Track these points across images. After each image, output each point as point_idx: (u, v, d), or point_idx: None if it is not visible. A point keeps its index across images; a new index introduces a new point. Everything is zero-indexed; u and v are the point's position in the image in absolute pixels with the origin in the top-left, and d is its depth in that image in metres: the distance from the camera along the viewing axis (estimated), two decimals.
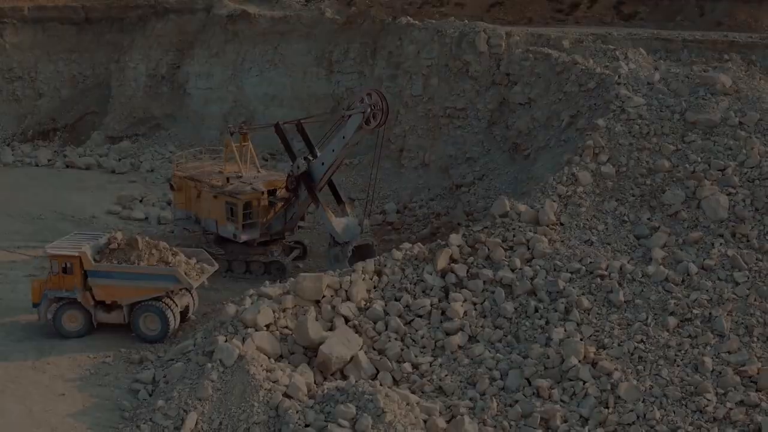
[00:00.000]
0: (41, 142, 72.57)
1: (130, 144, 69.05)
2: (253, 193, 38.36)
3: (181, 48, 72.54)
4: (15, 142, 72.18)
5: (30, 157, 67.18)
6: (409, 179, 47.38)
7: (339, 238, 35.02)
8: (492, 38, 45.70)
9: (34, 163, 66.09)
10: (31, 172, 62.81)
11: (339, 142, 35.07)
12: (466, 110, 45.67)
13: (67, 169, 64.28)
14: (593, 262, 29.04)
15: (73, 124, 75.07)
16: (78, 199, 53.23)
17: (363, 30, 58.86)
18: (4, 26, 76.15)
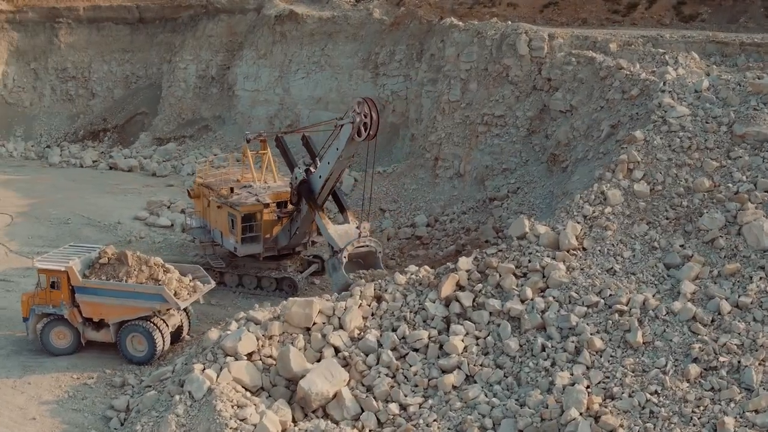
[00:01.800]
0: (91, 143, 72.14)
1: (176, 146, 67.91)
2: (255, 205, 35.98)
3: (231, 49, 71.28)
4: (65, 142, 71.93)
5: (76, 157, 66.68)
6: (443, 190, 44.36)
7: (336, 245, 32.23)
8: (534, 41, 42.26)
9: (79, 164, 65.59)
10: (72, 174, 62.18)
11: (333, 154, 32.38)
12: (504, 117, 42.34)
13: (109, 171, 63.57)
14: (613, 294, 25.60)
15: (123, 124, 74.47)
16: (108, 203, 52.02)
17: (410, 31, 56.16)
18: (59, 26, 76.17)
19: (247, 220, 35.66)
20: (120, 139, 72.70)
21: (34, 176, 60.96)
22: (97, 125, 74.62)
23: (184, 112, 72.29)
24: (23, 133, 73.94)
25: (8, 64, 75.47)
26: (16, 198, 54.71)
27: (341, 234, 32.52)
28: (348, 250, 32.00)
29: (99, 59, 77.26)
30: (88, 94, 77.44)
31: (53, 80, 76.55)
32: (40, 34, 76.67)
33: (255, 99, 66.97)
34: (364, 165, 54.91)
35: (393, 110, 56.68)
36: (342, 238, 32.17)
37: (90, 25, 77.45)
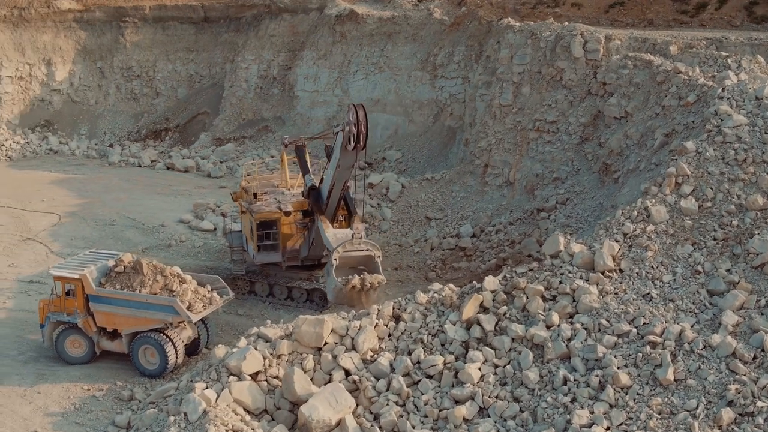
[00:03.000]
0: (152, 142, 72.13)
1: (235, 147, 67.32)
2: (272, 212, 34.50)
3: (293, 49, 70.49)
4: (127, 141, 72.11)
5: (135, 157, 66.61)
6: (492, 199, 42.19)
7: (330, 248, 30.35)
8: (589, 42, 39.72)
9: (137, 163, 65.52)
10: (129, 173, 62.13)
11: (333, 163, 30.46)
12: (556, 123, 39.93)
13: (166, 171, 63.31)
14: (647, 323, 23.16)
15: (184, 124, 74.35)
16: (156, 204, 51.51)
17: (469, 32, 54.19)
18: (125, 25, 76.49)
19: (264, 228, 34.26)
20: (181, 138, 72.53)
21: (90, 175, 61.06)
22: (159, 124, 74.68)
23: (245, 112, 71.70)
24: (87, 132, 74.44)
25: (75, 63, 76.12)
26: (68, 197, 54.77)
27: (339, 237, 30.64)
28: (339, 252, 29.91)
29: (164, 58, 77.35)
30: (152, 93, 77.59)
31: (118, 79, 76.93)
32: (107, 33, 77.11)
33: (314, 100, 65.85)
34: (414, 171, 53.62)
35: (450, 114, 54.81)
36: (338, 241, 30.30)
37: (155, 25, 77.62)
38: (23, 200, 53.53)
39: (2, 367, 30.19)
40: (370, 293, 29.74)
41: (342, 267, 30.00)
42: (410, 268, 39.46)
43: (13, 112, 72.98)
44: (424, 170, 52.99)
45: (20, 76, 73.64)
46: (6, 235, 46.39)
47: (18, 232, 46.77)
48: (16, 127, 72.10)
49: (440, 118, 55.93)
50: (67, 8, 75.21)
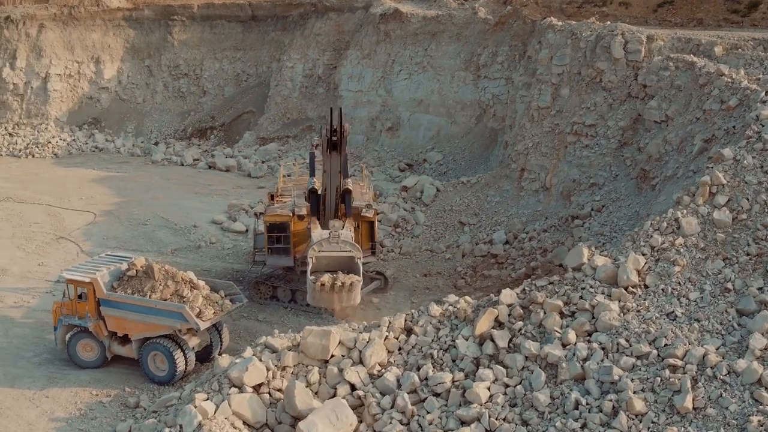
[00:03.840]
0: (197, 140, 72.04)
1: (278, 146, 66.84)
2: (281, 215, 33.58)
3: (338, 48, 69.73)
4: (172, 139, 72.15)
5: (178, 155, 66.46)
6: (528, 204, 40.67)
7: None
8: (630, 43, 37.93)
9: (180, 162, 65.33)
10: (170, 172, 62.01)
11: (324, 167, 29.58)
12: (595, 127, 38.24)
13: (207, 171, 63.13)
14: (669, 345, 21.58)
15: (230, 123, 74.17)
16: (192, 204, 51.09)
17: (513, 31, 52.65)
18: (173, 23, 76.59)
19: (274, 230, 33.32)
20: (226, 137, 72.33)
21: (132, 174, 61.09)
22: (205, 123, 74.61)
23: (290, 111, 71.16)
24: (134, 129, 74.67)
25: (123, 61, 76.47)
26: (107, 195, 54.79)
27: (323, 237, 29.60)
28: (315, 251, 28.97)
29: (211, 57, 77.30)
30: (199, 92, 77.58)
31: (166, 77, 77.07)
32: (155, 32, 77.33)
33: (358, 100, 64.93)
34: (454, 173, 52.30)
35: (493, 115, 53.38)
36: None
37: (203, 23, 77.63)
38: (62, 198, 53.66)
39: (16, 369, 29.90)
40: (343, 294, 28.56)
41: (322, 268, 28.94)
42: (440, 275, 38.21)
43: (62, 110, 73.55)
44: (465, 173, 51.71)
45: (69, 74, 74.23)
46: (40, 233, 46.42)
47: (52, 231, 46.76)
48: (64, 125, 72.66)
49: (483, 120, 54.54)
50: (117, 6, 75.62)
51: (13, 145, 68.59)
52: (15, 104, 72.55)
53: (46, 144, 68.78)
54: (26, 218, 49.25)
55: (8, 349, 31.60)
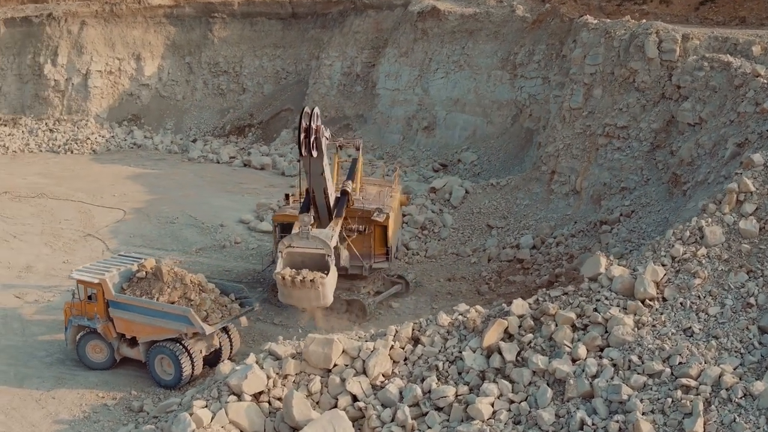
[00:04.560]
0: (235, 138, 71.88)
1: None
2: (290, 216, 32.72)
3: (376, 46, 69.07)
4: (210, 137, 72.15)
5: (215, 153, 66.30)
6: (557, 208, 39.44)
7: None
8: (664, 42, 36.44)
9: (216, 159, 65.14)
10: (205, 170, 61.88)
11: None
12: (627, 129, 36.86)
13: (242, 168, 62.87)
14: (683, 363, 20.35)
15: (268, 120, 73.91)
16: (222, 203, 50.77)
17: (550, 30, 51.29)
18: (214, 21, 76.61)
19: (283, 231, 32.55)
20: (263, 135, 72.05)
21: (167, 171, 61.07)
22: (243, 120, 74.47)
23: (327, 109, 70.44)
24: (173, 126, 74.78)
25: (164, 58, 76.68)
26: (139, 192, 54.77)
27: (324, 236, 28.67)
28: (284, 245, 28.21)
29: (251, 54, 77.13)
30: (238, 89, 77.49)
31: (206, 74, 77.12)
32: (196, 29, 77.43)
33: (394, 99, 64.09)
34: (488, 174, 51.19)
35: (529, 115, 52.12)
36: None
37: (243, 20, 77.53)
38: (95, 195, 53.75)
39: (27, 368, 29.71)
40: (308, 292, 27.44)
41: (297, 265, 27.98)
42: (464, 279, 37.19)
43: (102, 106, 74.00)
44: (499, 174, 50.64)
45: (110, 71, 74.64)
46: (69, 230, 46.44)
47: (81, 228, 46.75)
48: (104, 121, 73.06)
49: (519, 120, 53.33)
50: (158, 4, 75.84)
51: (53, 141, 69.08)
52: (56, 100, 73.16)
53: (85, 140, 69.11)
54: (57, 215, 49.35)
55: (22, 348, 31.44)
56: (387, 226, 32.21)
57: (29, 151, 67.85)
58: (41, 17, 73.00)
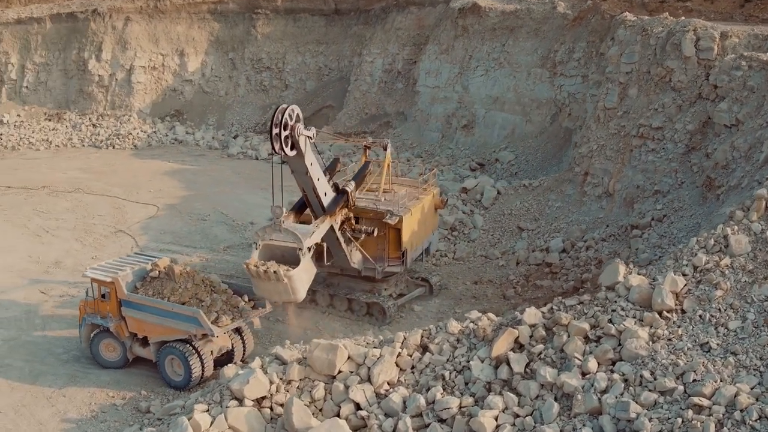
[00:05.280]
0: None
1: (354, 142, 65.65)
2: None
3: (418, 43, 68.30)
4: (251, 133, 72.09)
5: (254, 149, 66.18)
6: (589, 211, 38.27)
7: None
8: (702, 40, 35.03)
9: (254, 156, 65.01)
10: (243, 166, 61.86)
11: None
12: (662, 130, 35.52)
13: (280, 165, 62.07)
14: (697, 381, 19.23)
15: (309, 117, 73.18)
16: (255, 200, 50.63)
17: (591, 27, 49.89)
18: (257, 17, 76.53)
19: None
20: None
21: (205, 167, 61.16)
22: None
23: (368, 107, 70.05)
24: (215, 122, 74.95)
25: (207, 54, 76.89)
26: (175, 188, 54.84)
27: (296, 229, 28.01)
28: (259, 235, 27.85)
29: (293, 50, 76.95)
30: (281, 86, 77.37)
31: (248, 70, 77.15)
32: (239, 25, 77.47)
33: (434, 96, 63.22)
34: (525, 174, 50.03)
35: (569, 114, 50.80)
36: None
37: (287, 17, 77.35)
38: (132, 190, 53.94)
39: (42, 365, 29.69)
40: (276, 285, 26.66)
41: (277, 258, 27.39)
42: (491, 282, 36.29)
43: (145, 102, 74.44)
44: (536, 174, 49.48)
45: (153, 66, 75.05)
46: (101, 225, 46.58)
47: (113, 224, 46.84)
48: (147, 117, 73.50)
49: (558, 119, 52.05)
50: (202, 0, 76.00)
51: (95, 135, 69.68)
52: (100, 96, 73.79)
53: (126, 135, 69.58)
54: (91, 210, 49.58)
55: (41, 344, 31.46)
56: (400, 229, 31.38)
57: (72, 145, 68.51)
58: (86, 13, 73.65)
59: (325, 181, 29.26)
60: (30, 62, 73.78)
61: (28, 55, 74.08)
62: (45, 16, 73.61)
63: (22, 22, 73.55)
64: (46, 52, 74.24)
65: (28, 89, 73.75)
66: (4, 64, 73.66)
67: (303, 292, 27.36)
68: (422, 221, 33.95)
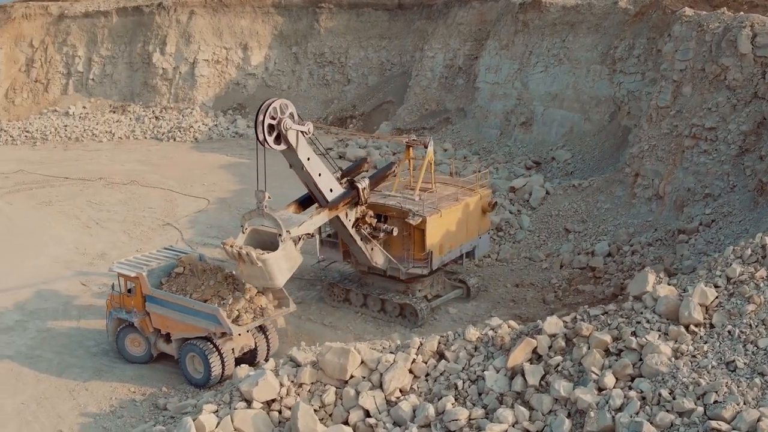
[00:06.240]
0: (336, 129, 71.32)
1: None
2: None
3: (479, 38, 67.33)
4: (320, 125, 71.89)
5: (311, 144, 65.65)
6: (638, 213, 36.77)
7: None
8: (759, 36, 33.19)
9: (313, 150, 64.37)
10: None
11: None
12: (715, 130, 33.81)
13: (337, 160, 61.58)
14: (719, 402, 17.93)
15: (369, 112, 73.18)
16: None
17: (652, 23, 48.08)
18: (320, 11, 76.46)
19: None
20: (364, 127, 71.23)
21: None
22: (346, 111, 73.98)
23: (428, 102, 69.26)
24: None
25: (271, 48, 77.11)
26: (228, 182, 55.03)
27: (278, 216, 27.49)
28: (246, 219, 27.42)
29: (356, 45, 76.63)
30: (343, 80, 77.15)
31: (311, 65, 77.13)
32: (303, 19, 77.51)
33: (494, 93, 62.04)
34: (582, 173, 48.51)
35: (628, 113, 49.04)
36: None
37: (350, 11, 77.08)
38: (186, 183, 54.32)
39: (72, 357, 29.94)
40: (252, 267, 26.00)
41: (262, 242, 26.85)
42: (532, 286, 35.16)
43: (208, 95, 75.03)
44: (592, 173, 47.90)
45: (217, 60, 75.58)
46: (150, 218, 46.94)
47: (162, 217, 47.12)
48: (209, 110, 73.99)
49: (617, 117, 50.35)
50: None
51: (157, 128, 70.45)
52: (163, 89, 74.60)
53: (188, 128, 70.16)
54: (143, 202, 50.04)
55: (74, 336, 31.71)
56: (424, 230, 30.48)
57: (134, 138, 69.43)
58: (151, 7, 74.56)
59: (329, 177, 28.81)
60: (96, 55, 75.04)
61: (94, 48, 75.37)
62: (111, 10, 74.80)
63: (89, 16, 74.86)
64: (112, 45, 75.42)
65: (94, 82, 75.03)
66: (71, 56, 75.11)
67: (281, 278, 26.67)
68: (461, 223, 32.93)
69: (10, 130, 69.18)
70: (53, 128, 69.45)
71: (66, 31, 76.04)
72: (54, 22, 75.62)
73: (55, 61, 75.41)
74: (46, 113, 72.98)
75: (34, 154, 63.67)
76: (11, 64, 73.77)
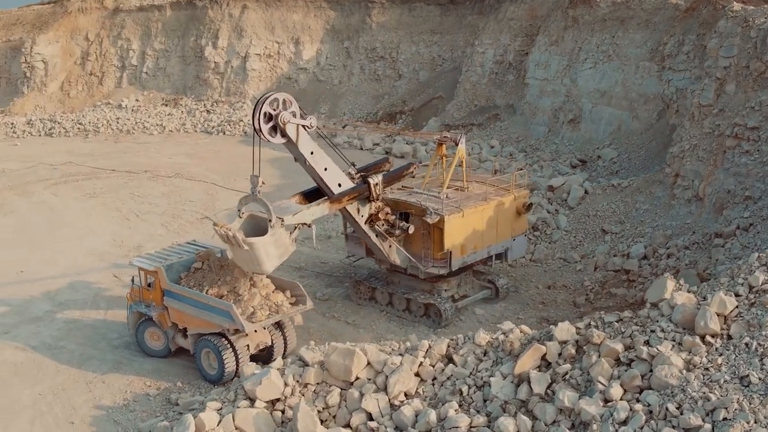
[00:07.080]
0: (385, 124, 71.12)
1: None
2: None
3: (529, 34, 66.34)
4: (360, 122, 71.77)
5: (359, 139, 65.76)
6: (677, 215, 35.55)
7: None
8: None
9: (359, 146, 64.60)
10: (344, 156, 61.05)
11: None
12: (758, 131, 32.44)
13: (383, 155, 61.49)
14: (728, 419, 16.99)
15: (419, 108, 72.66)
16: None
17: (702, 18, 46.56)
18: (372, 6, 76.11)
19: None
20: (413, 122, 70.78)
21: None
22: (396, 107, 73.60)
23: (477, 98, 68.45)
24: (328, 111, 75.04)
25: (323, 42, 77.04)
26: (271, 177, 54.47)
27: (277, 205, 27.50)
28: (242, 204, 27.37)
29: (407, 40, 76.16)
30: (394, 75, 76.77)
31: (362, 59, 76.86)
32: (355, 14, 77.24)
33: (543, 89, 60.98)
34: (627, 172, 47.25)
35: (676, 111, 47.62)
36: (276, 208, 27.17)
37: (402, 6, 76.64)
38: (229, 177, 54.44)
39: (94, 349, 30.06)
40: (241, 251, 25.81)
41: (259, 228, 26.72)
42: (564, 288, 34.26)
43: (259, 89, 75.27)
44: (638, 173, 46.61)
45: (268, 54, 75.79)
46: (190, 212, 47.15)
47: (201, 210, 47.26)
48: None
49: (665, 116, 48.93)
50: None
51: (208, 122, 70.93)
52: (215, 82, 75.11)
53: (237, 122, 70.51)
54: (185, 196, 50.32)
55: (99, 328, 31.90)
56: (443, 229, 29.78)
57: (185, 131, 70.01)
58: (204, 1, 75.10)
59: (337, 172, 28.39)
60: (150, 48, 75.87)
61: (148, 42, 76.22)
62: (165, 4, 75.52)
63: (143, 10, 75.72)
64: (166, 38, 76.16)
65: (148, 75, 75.91)
66: (125, 50, 76.10)
67: (269, 264, 26.30)
68: (490, 223, 32.13)
69: (64, 122, 70.37)
70: (105, 120, 70.44)
71: (121, 24, 77.05)
72: (109, 15, 76.69)
73: (110, 55, 76.48)
74: (99, 106, 74.08)
75: (84, 146, 64.61)
76: (67, 57, 75.07)
